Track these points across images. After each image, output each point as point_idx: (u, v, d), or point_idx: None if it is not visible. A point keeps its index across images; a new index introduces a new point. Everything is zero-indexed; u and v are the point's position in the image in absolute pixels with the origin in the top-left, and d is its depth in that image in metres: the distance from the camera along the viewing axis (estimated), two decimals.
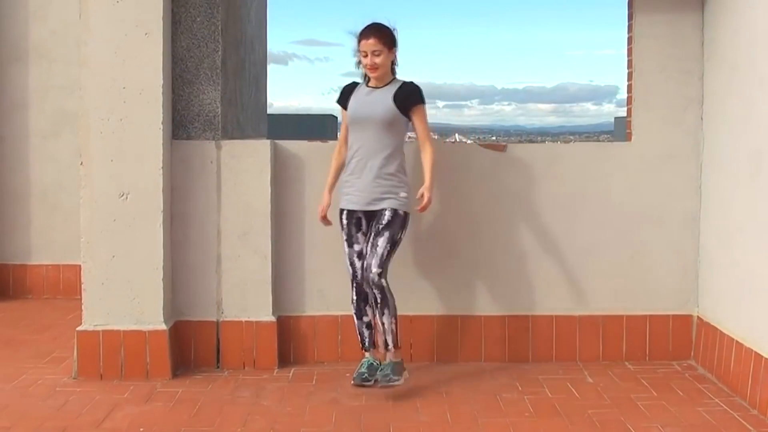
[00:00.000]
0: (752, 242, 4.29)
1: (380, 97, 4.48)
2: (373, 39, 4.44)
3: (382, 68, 4.48)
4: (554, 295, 5.01)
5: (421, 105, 4.50)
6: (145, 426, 3.97)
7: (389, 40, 4.49)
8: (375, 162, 4.44)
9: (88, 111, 4.66)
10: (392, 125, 4.46)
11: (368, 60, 4.45)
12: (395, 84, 4.53)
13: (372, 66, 4.45)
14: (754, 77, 4.27)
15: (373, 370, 4.51)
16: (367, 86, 4.57)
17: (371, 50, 4.44)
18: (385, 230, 4.41)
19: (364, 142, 4.47)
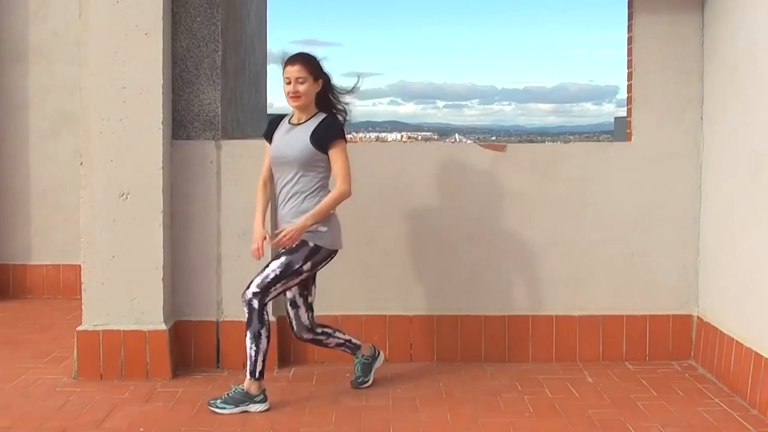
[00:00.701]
0: (752, 242, 4.29)
1: (299, 135, 4.23)
2: (298, 65, 4.21)
3: (305, 98, 4.22)
4: (554, 295, 5.01)
5: (337, 140, 4.21)
6: (145, 426, 3.97)
7: (315, 70, 4.25)
8: (294, 202, 4.22)
9: (88, 111, 4.66)
10: (309, 164, 4.20)
11: (291, 87, 4.20)
12: (316, 119, 4.27)
13: (294, 94, 4.20)
14: (755, 77, 4.27)
15: (367, 368, 4.55)
16: (289, 122, 4.34)
17: (295, 77, 4.19)
18: (285, 255, 4.18)
19: (286, 183, 4.25)
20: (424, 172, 4.98)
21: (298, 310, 4.37)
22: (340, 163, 4.21)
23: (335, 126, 4.28)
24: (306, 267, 4.21)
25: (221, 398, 4.19)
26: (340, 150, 4.22)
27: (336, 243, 4.31)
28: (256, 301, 4.14)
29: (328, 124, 4.26)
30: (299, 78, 4.21)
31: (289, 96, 4.25)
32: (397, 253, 4.92)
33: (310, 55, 4.29)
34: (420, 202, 4.98)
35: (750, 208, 4.32)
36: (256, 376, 4.18)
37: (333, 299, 4.98)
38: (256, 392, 4.19)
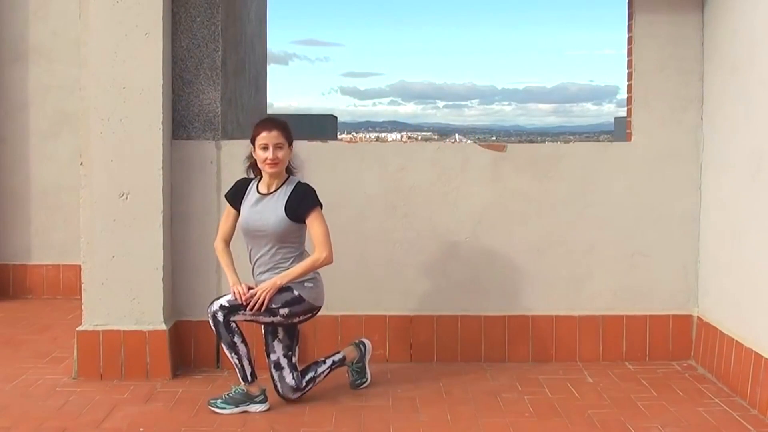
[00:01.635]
0: (752, 242, 4.29)
1: (272, 207, 4.15)
2: (276, 131, 4.12)
3: (282, 164, 4.16)
4: (554, 295, 5.01)
5: (314, 209, 4.15)
6: (145, 426, 3.97)
7: (290, 136, 4.20)
8: (274, 273, 4.16)
9: (88, 111, 4.66)
10: (288, 237, 4.16)
11: (269, 153, 4.09)
12: (287, 187, 4.18)
13: (273, 161, 4.10)
14: (754, 77, 4.27)
15: (361, 369, 4.54)
16: (257, 191, 4.22)
17: (274, 143, 4.10)
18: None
19: (261, 254, 4.19)
20: (424, 172, 4.97)
21: (282, 372, 4.25)
22: (320, 230, 4.14)
23: (310, 194, 4.19)
24: (282, 312, 4.14)
25: (221, 398, 4.19)
26: (317, 217, 4.15)
27: (319, 300, 4.26)
28: (221, 313, 4.06)
29: (303, 193, 4.17)
30: (278, 144, 4.13)
31: (266, 163, 4.12)
32: (397, 253, 4.91)
33: (283, 120, 4.24)
34: (420, 202, 4.98)
35: (750, 208, 4.32)
36: (249, 380, 4.17)
37: (333, 299, 4.96)
38: (257, 392, 4.19)
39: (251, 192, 4.26)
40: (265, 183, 4.24)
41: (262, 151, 4.14)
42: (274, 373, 4.26)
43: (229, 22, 5.11)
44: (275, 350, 4.27)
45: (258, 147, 4.16)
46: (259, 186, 4.26)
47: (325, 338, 4.98)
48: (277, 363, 4.27)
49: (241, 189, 4.30)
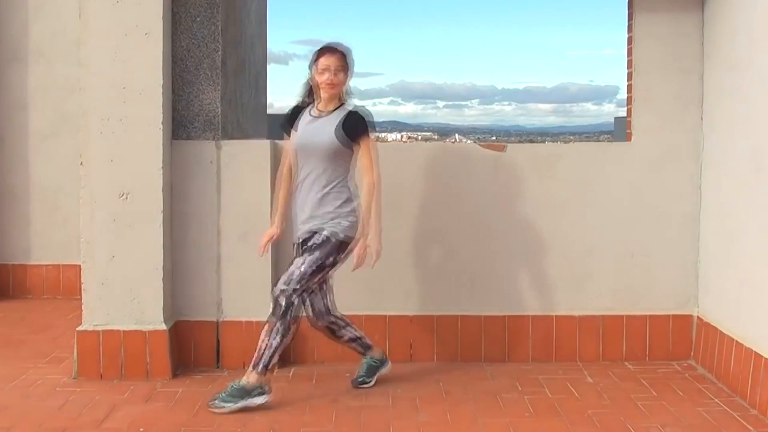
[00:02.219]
0: (752, 242, 4.29)
1: (325, 126, 4.27)
2: (337, 56, 4.27)
3: (339, 88, 4.29)
4: (554, 295, 5.01)
5: (368, 133, 4.28)
6: (145, 426, 3.97)
7: (350, 62, 4.33)
8: (321, 193, 4.25)
9: (88, 111, 4.66)
10: (337, 154, 4.25)
11: (328, 77, 4.23)
12: (342, 111, 4.31)
13: (330, 83, 4.24)
14: (754, 77, 4.27)
15: (373, 370, 4.55)
16: (310, 113, 4.35)
17: (335, 66, 4.25)
18: (313, 251, 4.21)
19: (310, 172, 4.28)
20: (424, 172, 4.97)
21: (313, 296, 4.37)
22: (372, 154, 4.31)
23: (365, 118, 4.32)
24: (329, 261, 4.27)
25: (219, 397, 4.18)
26: (369, 141, 4.30)
27: (354, 233, 4.31)
28: (296, 297, 4.18)
29: (357, 119, 4.30)
30: (337, 68, 4.28)
31: (324, 84, 4.27)
32: (397, 253, 4.91)
33: (346, 48, 4.37)
34: (420, 202, 4.98)
35: (750, 208, 4.32)
36: (268, 369, 4.20)
37: None
38: (260, 385, 4.19)
39: (305, 114, 4.39)
40: (318, 107, 4.37)
41: (321, 74, 4.27)
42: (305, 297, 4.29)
43: (229, 22, 5.11)
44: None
45: (318, 70, 4.28)
46: (312, 110, 4.39)
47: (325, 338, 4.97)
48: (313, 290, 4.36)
49: (295, 113, 4.43)
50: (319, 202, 4.26)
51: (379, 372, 4.59)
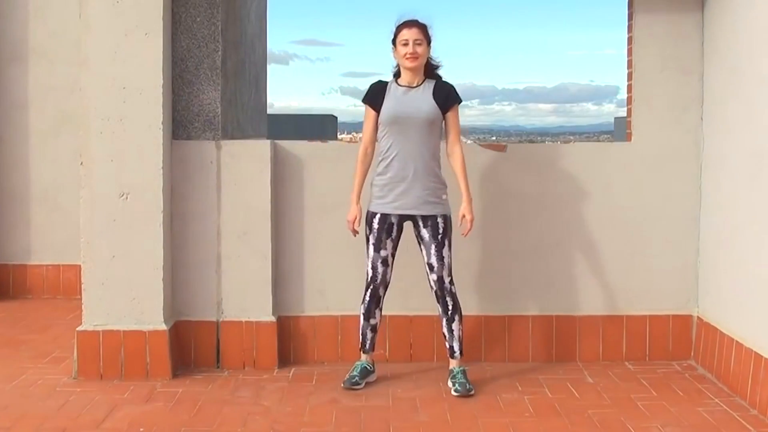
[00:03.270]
0: (752, 242, 4.29)
1: (420, 96, 4.41)
2: (416, 28, 4.40)
3: (422, 59, 4.41)
4: (554, 295, 5.01)
5: (458, 104, 4.48)
6: (145, 426, 3.97)
7: (429, 35, 4.45)
8: (420, 164, 4.39)
9: (88, 111, 4.66)
10: (434, 124, 4.42)
11: (409, 48, 4.36)
12: (429, 83, 4.46)
13: (413, 55, 4.36)
14: (755, 77, 4.27)
15: (365, 374, 4.55)
16: (399, 85, 4.47)
17: (414, 38, 4.37)
18: (444, 238, 4.45)
19: (405, 144, 4.38)
20: None
21: (387, 269, 4.52)
22: (459, 127, 4.49)
23: (454, 88, 4.48)
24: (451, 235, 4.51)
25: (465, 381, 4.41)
26: (457, 111, 4.48)
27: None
28: (454, 287, 4.49)
29: (448, 87, 4.47)
30: (417, 40, 4.38)
31: (406, 57, 4.37)
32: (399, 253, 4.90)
33: (425, 22, 4.46)
34: None
35: (750, 208, 4.32)
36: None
37: (333, 299, 4.98)
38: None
39: (392, 88, 4.47)
40: (405, 80, 4.46)
41: (402, 47, 4.38)
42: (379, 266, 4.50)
43: (229, 22, 5.11)
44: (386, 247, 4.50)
45: (399, 43, 4.40)
46: (399, 83, 4.47)
47: (325, 338, 4.99)
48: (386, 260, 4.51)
49: (379, 90, 4.49)
50: (426, 173, 4.40)
51: (368, 378, 4.60)
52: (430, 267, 4.49)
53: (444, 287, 4.46)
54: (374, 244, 4.48)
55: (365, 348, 4.61)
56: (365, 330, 4.60)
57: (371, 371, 4.60)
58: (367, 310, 4.56)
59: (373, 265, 4.49)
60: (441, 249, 4.44)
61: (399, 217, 4.46)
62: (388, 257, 4.50)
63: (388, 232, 4.48)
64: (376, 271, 4.49)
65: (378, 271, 4.49)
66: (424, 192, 4.40)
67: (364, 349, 4.61)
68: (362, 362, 4.59)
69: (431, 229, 4.44)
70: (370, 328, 4.60)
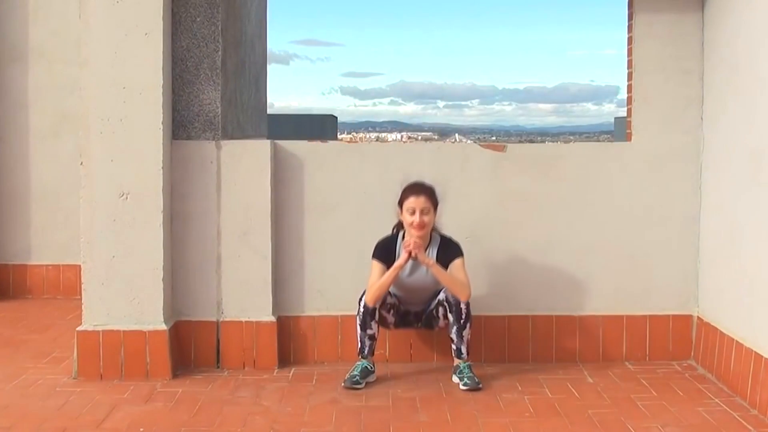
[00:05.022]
0: (752, 242, 4.29)
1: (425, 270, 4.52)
2: (424, 196, 4.47)
3: (428, 227, 4.50)
4: (554, 295, 5.01)
5: (460, 257, 4.54)
6: (145, 426, 3.97)
7: (436, 200, 4.54)
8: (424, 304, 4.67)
9: (88, 111, 4.66)
10: (439, 285, 4.55)
11: (416, 217, 4.43)
12: (433, 246, 4.57)
13: (420, 224, 4.44)
14: (755, 77, 4.27)
15: (366, 374, 4.55)
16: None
17: (421, 207, 4.44)
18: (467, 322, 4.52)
19: (413, 301, 4.66)
20: (424, 172, 4.96)
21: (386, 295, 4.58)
22: (464, 272, 4.52)
23: (456, 245, 4.58)
24: None
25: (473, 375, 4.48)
26: (462, 263, 4.54)
27: None
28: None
29: (449, 244, 4.58)
30: (424, 209, 4.46)
31: (412, 226, 4.46)
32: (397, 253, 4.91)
33: (430, 186, 4.57)
34: None
35: (750, 208, 4.32)
36: None
37: (333, 299, 4.98)
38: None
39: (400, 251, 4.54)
40: None
41: (409, 215, 4.47)
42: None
43: (229, 22, 5.11)
44: None
45: (405, 210, 4.49)
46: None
47: (325, 338, 4.98)
48: None
49: (390, 247, 4.58)
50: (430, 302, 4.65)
51: (368, 378, 4.60)
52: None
53: (461, 309, 4.52)
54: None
55: (364, 353, 4.61)
56: (362, 338, 4.60)
57: (371, 371, 4.61)
58: (363, 321, 4.57)
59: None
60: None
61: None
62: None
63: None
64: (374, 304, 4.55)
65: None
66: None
67: (362, 354, 4.61)
68: (362, 362, 4.60)
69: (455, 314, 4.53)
70: (368, 337, 4.59)
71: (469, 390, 4.43)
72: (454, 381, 4.56)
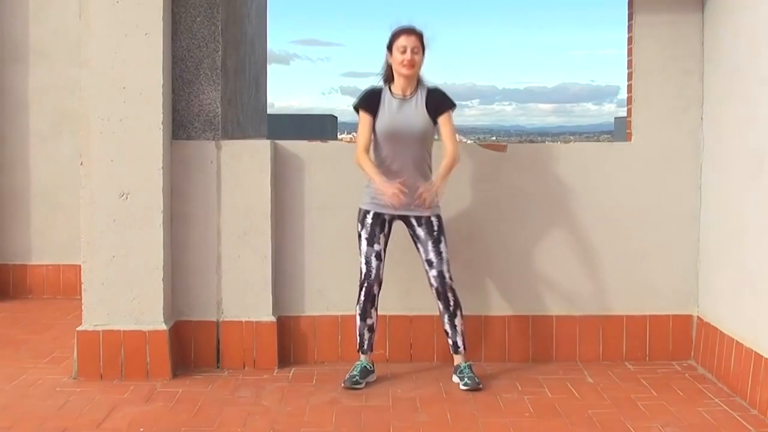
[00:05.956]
0: (752, 242, 4.29)
1: (413, 110, 4.45)
2: (415, 36, 4.42)
3: (417, 67, 4.44)
4: (554, 295, 5.01)
5: (451, 108, 4.49)
6: (145, 426, 3.97)
7: (424, 44, 4.48)
8: (413, 171, 4.44)
9: (88, 111, 4.66)
10: (426, 135, 4.49)
11: (407, 56, 4.38)
12: (421, 91, 4.49)
13: (410, 63, 4.39)
14: (755, 77, 4.27)
15: (366, 374, 4.55)
16: (392, 95, 4.48)
17: (412, 46, 4.39)
18: (440, 236, 4.49)
19: (399, 153, 4.45)
20: None
21: (380, 264, 4.53)
22: (452, 128, 4.47)
23: (446, 95, 4.49)
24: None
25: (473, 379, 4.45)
26: (450, 117, 4.48)
27: None
28: (453, 282, 4.52)
29: (441, 94, 4.49)
30: (414, 48, 4.40)
31: (402, 64, 4.39)
32: (398, 253, 4.90)
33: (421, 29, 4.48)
34: None
35: (750, 208, 4.32)
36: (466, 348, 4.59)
37: (333, 299, 4.98)
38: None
39: (386, 98, 4.48)
40: (399, 87, 4.48)
41: (400, 54, 4.39)
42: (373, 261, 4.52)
43: (229, 22, 5.11)
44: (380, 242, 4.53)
45: (396, 50, 4.41)
46: (393, 91, 4.48)
47: (325, 338, 4.99)
48: (379, 254, 4.53)
49: (374, 97, 4.49)
50: (419, 178, 4.43)
51: (368, 378, 4.60)
52: (429, 263, 4.51)
53: (445, 283, 4.49)
54: (367, 239, 4.51)
55: (363, 348, 4.61)
56: (362, 330, 4.60)
57: (371, 371, 4.61)
58: (363, 310, 4.57)
59: (367, 259, 4.52)
60: (438, 244, 4.49)
61: (391, 215, 4.51)
62: (381, 252, 4.54)
63: (381, 228, 4.53)
64: (370, 265, 4.51)
65: (372, 266, 4.51)
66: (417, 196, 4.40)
67: (362, 349, 4.62)
68: (362, 362, 4.60)
69: (426, 227, 4.48)
70: (367, 328, 4.60)
71: (469, 390, 4.43)
72: (454, 381, 4.56)
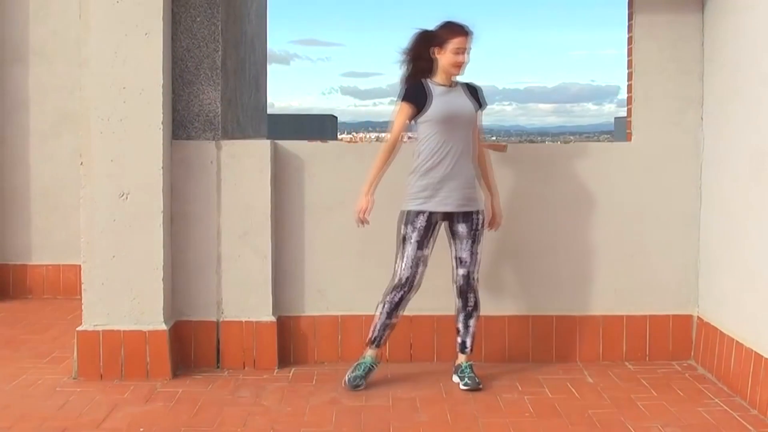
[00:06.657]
0: (752, 242, 4.29)
1: (461, 97, 4.47)
2: (470, 37, 4.43)
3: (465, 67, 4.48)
4: (554, 295, 5.01)
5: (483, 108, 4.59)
6: (145, 426, 3.97)
7: None
8: (466, 162, 4.45)
9: (88, 111, 4.66)
10: (474, 123, 4.51)
11: (462, 57, 4.38)
12: (461, 84, 4.53)
13: (462, 63, 4.41)
14: (755, 77, 4.27)
15: (369, 372, 4.54)
16: (438, 85, 4.46)
17: (465, 47, 4.40)
18: (480, 236, 4.52)
19: (455, 143, 4.40)
20: None
21: (424, 270, 4.50)
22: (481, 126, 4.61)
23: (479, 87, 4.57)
24: None
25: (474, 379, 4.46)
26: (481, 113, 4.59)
27: None
28: (478, 284, 4.56)
29: (478, 88, 4.56)
30: (467, 48, 4.43)
31: (456, 65, 4.40)
32: None
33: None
34: None
35: (750, 208, 4.32)
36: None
37: (333, 299, 4.98)
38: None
39: (433, 88, 4.46)
40: (443, 79, 4.48)
41: (455, 54, 4.38)
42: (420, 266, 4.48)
43: (229, 22, 5.11)
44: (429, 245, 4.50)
45: (452, 49, 4.38)
46: (438, 82, 4.48)
47: (325, 338, 4.99)
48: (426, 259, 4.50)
49: (421, 89, 4.45)
50: (470, 169, 4.47)
51: (370, 377, 4.59)
52: (460, 261, 4.51)
53: (470, 283, 4.50)
54: (418, 242, 4.42)
55: (378, 342, 4.56)
56: (384, 326, 4.53)
57: (373, 369, 4.57)
58: (392, 308, 4.49)
59: (413, 262, 4.43)
60: (475, 245, 4.49)
61: (443, 214, 4.47)
62: (428, 257, 4.50)
63: (432, 230, 4.48)
64: (415, 270, 4.44)
65: (417, 271, 4.45)
66: (468, 189, 4.45)
67: (377, 343, 4.56)
68: (367, 361, 4.56)
69: (467, 225, 4.47)
70: (390, 326, 4.55)
71: (469, 390, 4.43)
72: (454, 381, 4.56)
